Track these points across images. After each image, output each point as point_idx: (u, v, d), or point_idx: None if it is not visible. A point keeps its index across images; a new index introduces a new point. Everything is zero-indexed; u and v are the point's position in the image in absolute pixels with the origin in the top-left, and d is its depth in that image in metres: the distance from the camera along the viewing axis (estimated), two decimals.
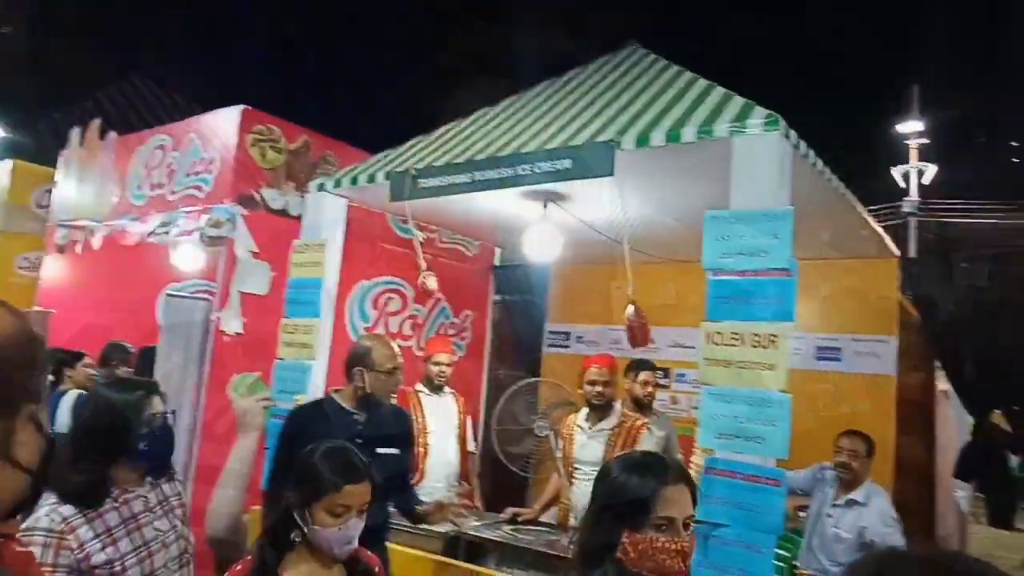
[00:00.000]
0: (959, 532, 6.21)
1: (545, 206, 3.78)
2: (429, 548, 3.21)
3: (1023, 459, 8.36)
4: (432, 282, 3.74)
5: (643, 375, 4.09)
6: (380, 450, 2.93)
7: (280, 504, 1.81)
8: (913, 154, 18.27)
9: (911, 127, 18.63)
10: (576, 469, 3.66)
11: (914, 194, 17.69)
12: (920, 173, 17.96)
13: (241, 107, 4.72)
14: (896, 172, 18.24)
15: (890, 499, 3.53)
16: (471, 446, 4.49)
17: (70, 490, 1.79)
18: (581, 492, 3.60)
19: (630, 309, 3.16)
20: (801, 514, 3.98)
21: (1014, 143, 23.32)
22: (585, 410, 3.73)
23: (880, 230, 4.13)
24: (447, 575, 3.05)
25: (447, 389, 4.38)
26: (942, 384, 5.35)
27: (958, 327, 4.36)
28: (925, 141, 18.62)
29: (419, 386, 4.34)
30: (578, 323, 5.70)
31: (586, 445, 3.65)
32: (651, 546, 1.48)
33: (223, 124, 4.81)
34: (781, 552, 2.61)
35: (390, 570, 2.74)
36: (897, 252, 4.47)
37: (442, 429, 4.26)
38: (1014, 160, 23.13)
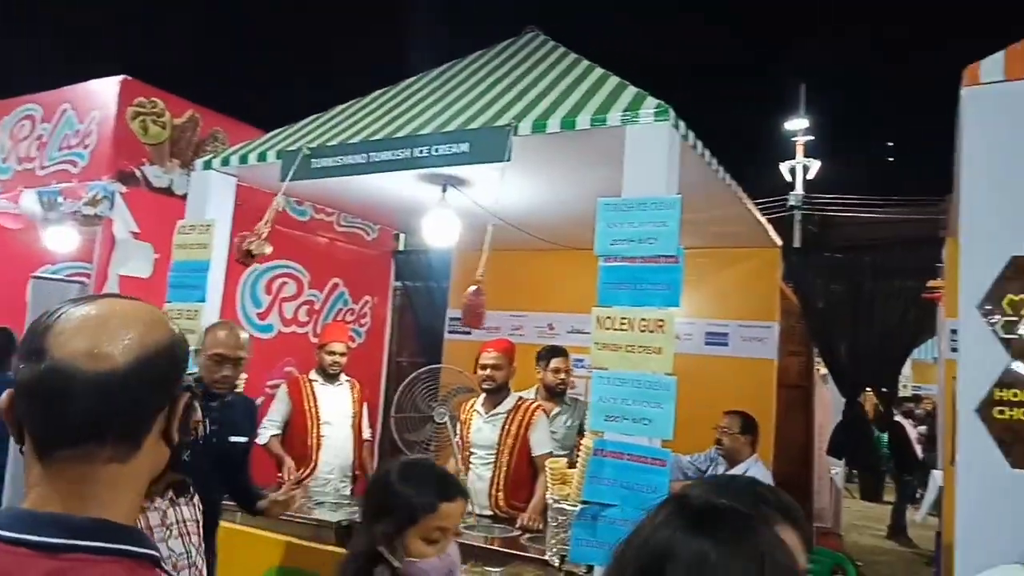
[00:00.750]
0: (834, 505, 6.67)
1: (444, 190, 3.74)
2: (324, 539, 3.14)
3: (890, 438, 9.08)
4: (267, 248, 3.41)
5: (554, 362, 3.98)
6: (232, 438, 2.77)
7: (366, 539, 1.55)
8: (799, 150, 19.33)
9: (797, 124, 19.69)
10: (472, 454, 3.67)
11: (799, 188, 18.75)
12: (805, 169, 19.03)
13: (120, 77, 4.42)
14: (783, 167, 19.27)
15: (770, 479, 3.71)
16: (366, 434, 4.42)
17: None
18: (477, 477, 3.61)
19: (471, 289, 3.15)
20: None
21: (890, 143, 25.18)
22: (483, 395, 3.74)
23: (763, 220, 4.33)
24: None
25: (343, 377, 4.28)
26: (820, 368, 5.71)
27: (834, 314, 4.65)
28: (810, 138, 19.74)
29: (313, 375, 4.23)
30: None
31: (481, 429, 3.67)
32: None
33: (100, 95, 4.49)
34: None
35: (216, 570, 2.60)
36: (779, 242, 4.70)
37: (336, 419, 4.17)
38: (890, 159, 24.97)
